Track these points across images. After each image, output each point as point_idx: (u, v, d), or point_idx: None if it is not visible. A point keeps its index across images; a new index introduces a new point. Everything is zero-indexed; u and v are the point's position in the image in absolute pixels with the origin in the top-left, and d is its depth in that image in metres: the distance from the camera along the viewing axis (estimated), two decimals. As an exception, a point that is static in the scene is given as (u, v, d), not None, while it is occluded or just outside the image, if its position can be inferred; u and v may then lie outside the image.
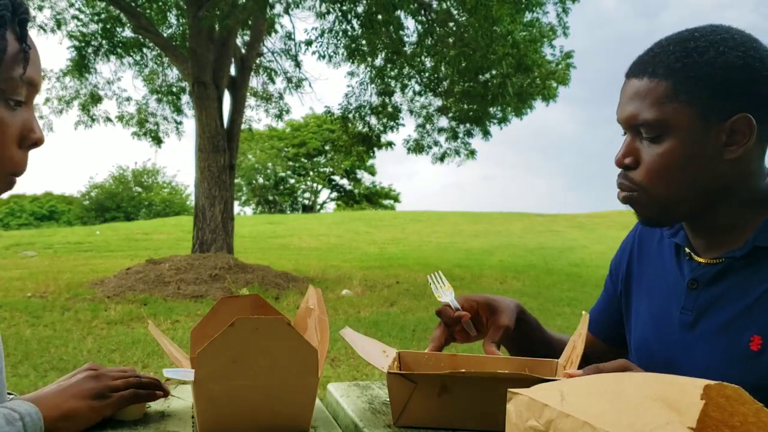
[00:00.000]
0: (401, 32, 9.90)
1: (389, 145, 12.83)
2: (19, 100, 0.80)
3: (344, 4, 9.36)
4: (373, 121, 11.98)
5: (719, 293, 0.98)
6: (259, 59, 12.00)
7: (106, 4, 10.59)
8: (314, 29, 10.81)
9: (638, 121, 0.95)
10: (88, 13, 11.27)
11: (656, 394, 0.53)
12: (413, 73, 11.01)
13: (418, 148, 12.35)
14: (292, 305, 7.38)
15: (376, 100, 11.74)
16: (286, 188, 39.60)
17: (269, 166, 38.24)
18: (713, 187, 0.95)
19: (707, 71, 0.91)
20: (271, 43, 12.33)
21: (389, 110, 11.82)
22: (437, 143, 12.39)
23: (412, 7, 9.15)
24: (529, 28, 9.80)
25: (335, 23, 9.80)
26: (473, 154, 12.28)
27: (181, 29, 11.78)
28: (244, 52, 10.96)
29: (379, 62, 10.84)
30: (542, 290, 9.33)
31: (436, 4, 9.70)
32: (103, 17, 11.25)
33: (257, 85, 13.14)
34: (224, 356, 0.89)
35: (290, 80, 12.49)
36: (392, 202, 40.77)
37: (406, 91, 11.66)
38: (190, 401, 1.10)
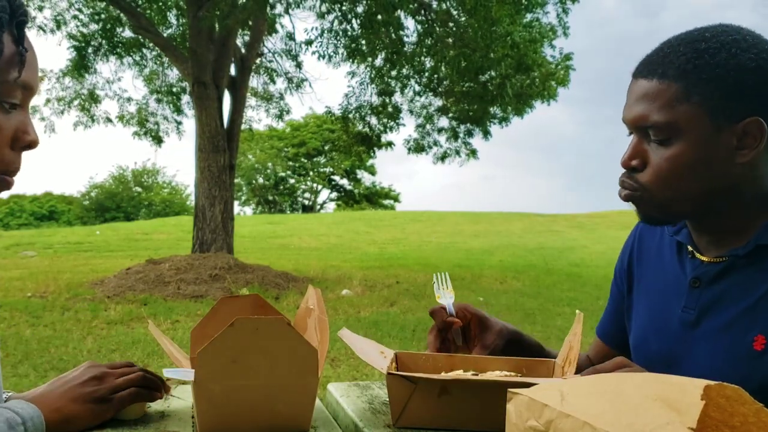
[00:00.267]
0: (401, 32, 9.90)
1: (389, 145, 12.84)
2: (13, 102, 0.80)
3: (344, 4, 9.36)
4: (373, 121, 11.98)
5: (722, 292, 0.97)
6: (259, 59, 12.00)
7: (106, 4, 10.59)
8: (314, 29, 10.82)
9: (647, 122, 0.93)
10: (87, 13, 11.27)
11: (656, 394, 0.53)
12: (413, 73, 11.01)
13: (418, 148, 12.36)
14: (292, 305, 7.38)
15: (376, 100, 11.74)
16: (286, 188, 39.60)
17: (269, 166, 38.24)
18: (721, 189, 0.94)
19: (719, 73, 0.90)
20: (271, 43, 12.34)
21: (389, 110, 11.82)
22: (437, 143, 12.40)
23: (412, 7, 9.15)
24: (529, 28, 9.80)
25: (335, 23, 9.80)
26: (474, 153, 12.29)
27: (181, 29, 11.78)
28: (244, 52, 10.96)
29: (379, 62, 10.84)
30: (542, 290, 9.33)
31: (436, 4, 9.69)
32: (103, 17, 11.25)
33: (258, 85, 13.16)
34: (224, 356, 0.89)
35: (291, 80, 12.49)
36: (392, 202, 40.79)
37: (406, 91, 11.66)
38: (190, 401, 1.10)
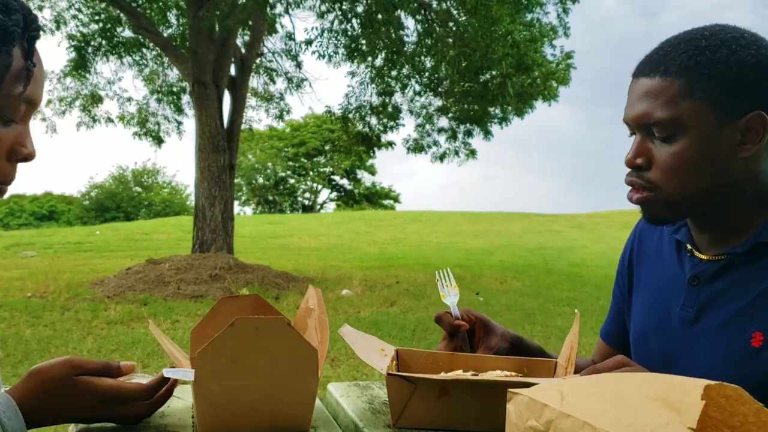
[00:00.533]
0: (401, 32, 9.90)
1: (389, 144, 12.84)
2: (13, 117, 0.79)
3: (344, 3, 9.36)
4: (373, 121, 11.99)
5: (720, 290, 0.98)
6: (259, 59, 12.00)
7: (106, 4, 10.59)
8: (314, 29, 10.82)
9: (651, 120, 0.94)
10: (87, 13, 11.27)
11: (656, 394, 0.53)
12: (413, 73, 11.01)
13: (418, 148, 12.36)
14: (292, 305, 7.39)
15: (376, 100, 11.74)
16: (286, 188, 39.61)
17: (269, 166, 38.25)
18: (724, 185, 0.95)
19: (721, 69, 0.91)
20: (271, 43, 12.34)
21: (389, 110, 11.82)
22: (437, 143, 12.40)
23: (412, 6, 9.15)
24: (529, 28, 9.80)
25: (335, 23, 9.80)
26: (474, 153, 12.28)
27: (181, 29, 11.78)
28: (244, 52, 10.96)
29: (379, 62, 10.84)
30: (542, 290, 9.33)
31: (436, 4, 9.69)
32: (102, 17, 11.25)
33: (258, 85, 13.16)
34: (224, 356, 0.89)
35: (290, 80, 12.49)
36: (392, 202, 40.80)
37: (406, 91, 11.66)
38: (190, 401, 1.10)
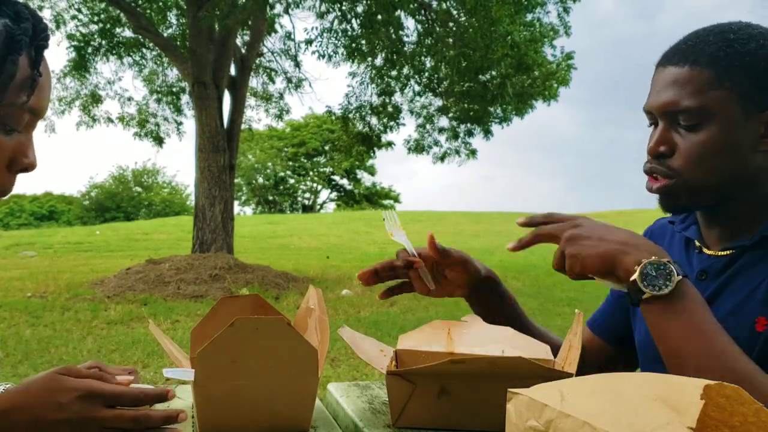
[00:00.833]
0: (401, 32, 9.90)
1: (389, 144, 12.84)
2: (15, 126, 0.78)
3: (344, 3, 9.36)
4: (373, 121, 11.98)
5: (727, 282, 0.99)
6: (259, 59, 12.00)
7: (105, 4, 10.59)
8: (314, 29, 10.83)
9: (679, 107, 0.94)
10: (87, 13, 11.27)
11: (656, 394, 0.53)
12: (413, 73, 11.01)
13: (418, 148, 12.36)
14: (292, 305, 7.39)
15: (376, 100, 11.74)
16: (286, 188, 39.62)
17: (269, 166, 38.25)
18: (742, 177, 0.96)
19: (749, 61, 0.92)
20: (271, 43, 12.35)
21: (389, 110, 11.82)
22: (437, 143, 12.40)
23: (412, 7, 9.15)
24: (529, 28, 9.80)
25: (335, 23, 9.80)
26: (474, 153, 12.28)
27: (181, 29, 11.78)
28: (244, 52, 10.96)
29: (379, 62, 10.84)
30: (542, 290, 9.33)
31: (436, 4, 9.69)
32: (102, 17, 11.25)
33: (257, 85, 13.16)
34: (224, 356, 0.89)
35: (290, 80, 12.50)
36: (392, 202, 40.81)
37: (406, 91, 11.66)
38: (190, 401, 1.10)
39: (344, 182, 40.27)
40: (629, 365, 1.21)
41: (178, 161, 74.72)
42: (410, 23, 10.01)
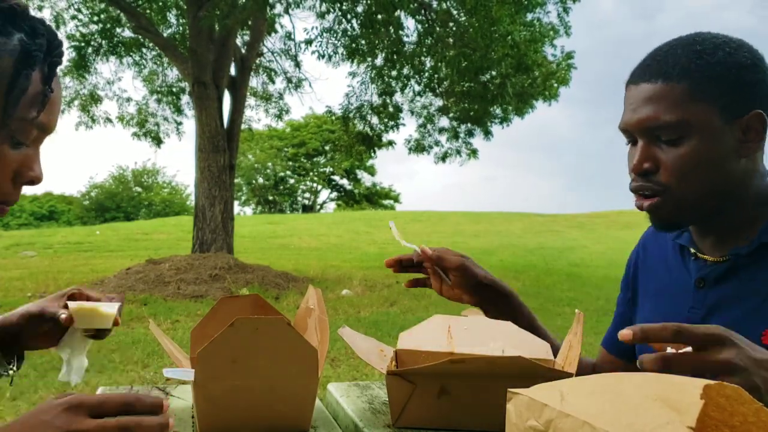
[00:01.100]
0: (401, 32, 9.90)
1: (390, 144, 12.84)
2: (23, 140, 0.79)
3: (344, 3, 9.36)
4: (374, 120, 11.98)
5: (728, 292, 0.98)
6: (259, 59, 12.00)
7: (106, 4, 10.59)
8: (314, 29, 10.82)
9: (659, 122, 0.94)
10: (87, 13, 11.28)
11: (656, 393, 0.53)
12: (413, 73, 11.01)
13: (419, 148, 12.36)
14: (292, 305, 7.38)
15: (376, 99, 11.74)
16: (286, 188, 39.62)
17: (269, 166, 38.26)
18: (730, 184, 0.96)
19: (720, 71, 0.93)
20: (271, 43, 12.35)
21: (390, 110, 11.82)
22: (438, 143, 12.40)
23: (412, 7, 9.15)
24: (529, 28, 9.80)
25: (335, 23, 9.80)
26: (475, 153, 12.28)
27: (181, 29, 11.78)
28: (244, 52, 10.96)
29: (379, 62, 10.84)
30: (542, 290, 9.33)
31: (436, 4, 9.70)
32: (102, 17, 11.26)
33: (257, 85, 13.16)
34: (224, 356, 0.89)
35: (290, 80, 12.50)
36: (392, 202, 40.81)
37: (406, 91, 11.66)
38: (190, 401, 1.10)
39: (344, 182, 40.29)
40: None
41: (178, 161, 74.75)
42: (410, 23, 10.02)
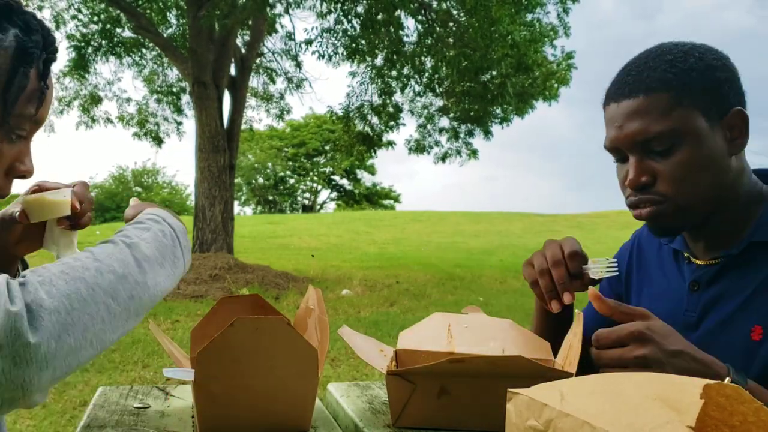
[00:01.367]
0: (401, 32, 9.90)
1: (390, 144, 12.82)
2: (21, 135, 0.81)
3: (345, 3, 9.36)
4: (374, 120, 11.97)
5: (720, 291, 1.00)
6: (259, 59, 12.00)
7: (106, 4, 10.59)
8: (314, 29, 10.81)
9: (649, 134, 0.95)
10: (87, 13, 11.28)
11: (656, 393, 0.53)
12: (413, 73, 11.01)
13: (419, 148, 12.35)
14: (292, 305, 7.38)
15: (377, 99, 11.74)
16: (286, 188, 39.61)
17: (269, 166, 38.25)
18: (725, 184, 0.97)
19: (696, 76, 0.95)
20: (271, 43, 12.34)
21: (390, 110, 11.82)
22: (438, 143, 12.39)
23: (412, 7, 9.15)
24: (529, 28, 9.80)
25: (335, 23, 9.80)
26: (475, 154, 12.27)
27: (181, 29, 11.78)
28: (244, 52, 10.96)
29: (379, 62, 10.84)
30: (542, 290, 9.31)
31: (436, 4, 9.70)
32: (102, 17, 11.26)
33: (258, 85, 13.15)
34: (224, 356, 0.89)
35: (290, 80, 12.49)
36: (392, 202, 40.80)
37: (406, 91, 11.66)
38: (190, 401, 1.10)
39: (344, 182, 40.28)
40: None
41: (178, 161, 74.66)
42: (410, 23, 10.02)
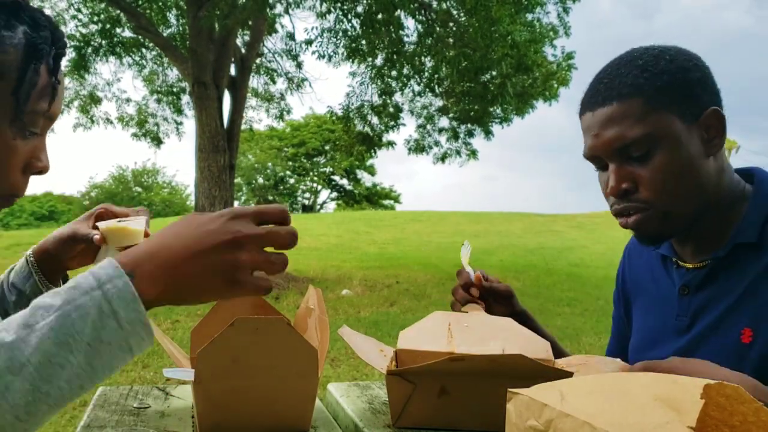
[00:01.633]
0: (401, 32, 9.90)
1: (390, 144, 12.82)
2: (35, 131, 0.81)
3: (345, 3, 9.35)
4: (374, 120, 11.97)
5: (710, 295, 1.00)
6: (259, 59, 11.99)
7: (106, 4, 10.59)
8: (314, 29, 10.80)
9: (626, 141, 0.95)
10: (87, 13, 11.27)
11: (656, 393, 0.53)
12: (413, 73, 11.01)
13: (419, 148, 12.34)
14: (292, 305, 7.38)
15: (377, 99, 11.73)
16: (286, 188, 39.59)
17: (269, 166, 38.24)
18: (708, 186, 0.97)
19: (668, 78, 0.94)
20: (271, 43, 12.34)
21: (390, 110, 11.82)
22: (438, 143, 12.38)
23: (412, 7, 9.15)
24: (529, 28, 9.79)
25: (335, 23, 9.80)
26: (475, 154, 12.26)
27: (181, 29, 11.78)
28: (244, 52, 10.96)
29: (379, 62, 10.84)
30: (542, 290, 9.33)
31: (436, 4, 9.69)
32: (102, 17, 11.25)
33: (258, 85, 13.15)
34: (224, 356, 0.89)
35: (291, 80, 12.49)
36: (392, 202, 40.78)
37: (406, 91, 11.65)
38: (190, 401, 1.10)
39: (344, 182, 40.26)
40: None
41: (177, 161, 74.50)
42: (410, 23, 10.01)
